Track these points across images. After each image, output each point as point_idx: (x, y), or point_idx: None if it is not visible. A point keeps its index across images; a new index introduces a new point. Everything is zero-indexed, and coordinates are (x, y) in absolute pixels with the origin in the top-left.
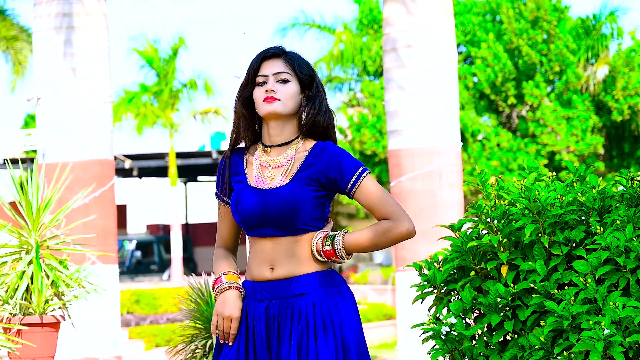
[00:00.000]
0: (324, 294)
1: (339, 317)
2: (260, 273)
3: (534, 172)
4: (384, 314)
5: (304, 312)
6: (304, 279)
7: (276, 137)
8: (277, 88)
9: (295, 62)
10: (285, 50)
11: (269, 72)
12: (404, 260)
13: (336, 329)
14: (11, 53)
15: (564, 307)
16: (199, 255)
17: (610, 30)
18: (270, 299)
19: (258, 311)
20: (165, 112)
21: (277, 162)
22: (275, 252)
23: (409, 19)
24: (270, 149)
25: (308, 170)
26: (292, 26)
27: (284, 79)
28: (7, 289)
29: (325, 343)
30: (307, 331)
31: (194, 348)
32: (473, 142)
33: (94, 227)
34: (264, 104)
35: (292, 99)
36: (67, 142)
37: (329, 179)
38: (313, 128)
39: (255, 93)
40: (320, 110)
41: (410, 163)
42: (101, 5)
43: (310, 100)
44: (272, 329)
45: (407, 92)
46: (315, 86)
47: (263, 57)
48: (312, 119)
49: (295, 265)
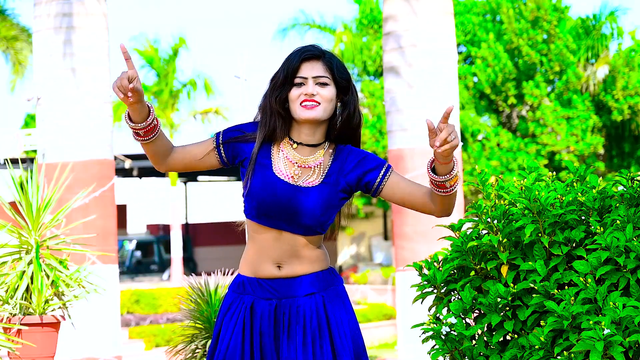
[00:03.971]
0: (329, 293)
1: (345, 316)
2: (266, 269)
3: (534, 172)
4: (384, 314)
5: (314, 312)
6: (311, 278)
7: (307, 137)
8: (316, 91)
9: (334, 65)
10: (324, 51)
11: (309, 74)
12: (404, 260)
13: (345, 328)
14: (11, 53)
15: (564, 307)
16: (199, 255)
17: (610, 30)
18: (278, 297)
19: (267, 309)
20: (165, 112)
21: (306, 163)
22: (282, 248)
23: (409, 18)
24: (298, 146)
25: (336, 175)
26: (293, 26)
27: (324, 82)
28: (7, 289)
29: (340, 342)
30: (320, 330)
31: (194, 348)
32: (473, 142)
33: (94, 227)
34: (302, 109)
35: (330, 103)
36: (67, 142)
37: (355, 180)
38: (344, 131)
39: (293, 94)
40: (355, 115)
41: (410, 163)
42: (101, 5)
43: (346, 105)
44: (282, 328)
45: (408, 92)
46: (351, 90)
47: (303, 57)
48: (346, 124)
49: (303, 264)
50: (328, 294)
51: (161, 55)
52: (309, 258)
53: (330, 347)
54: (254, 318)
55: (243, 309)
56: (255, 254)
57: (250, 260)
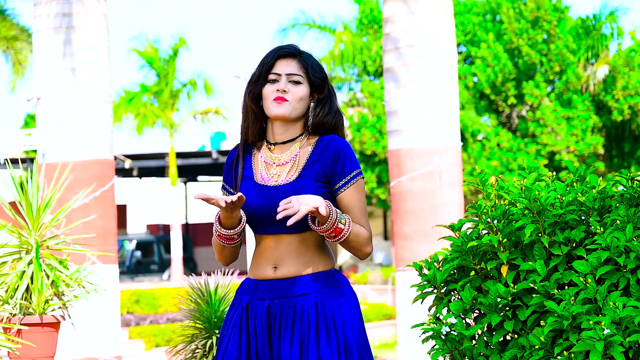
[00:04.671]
0: (326, 294)
1: (341, 318)
2: (263, 272)
3: (534, 172)
4: (384, 314)
5: (305, 312)
6: (307, 279)
7: (280, 135)
8: (288, 88)
9: (309, 65)
10: (301, 51)
11: (282, 71)
12: (404, 260)
13: (338, 330)
14: (11, 53)
15: (564, 307)
16: (199, 255)
17: (610, 30)
18: (272, 297)
19: (260, 310)
20: (165, 112)
21: (282, 160)
22: (279, 250)
23: (410, 18)
24: (274, 146)
25: (315, 166)
26: (293, 26)
27: (296, 81)
28: (7, 289)
29: (327, 344)
30: (309, 331)
31: (194, 348)
32: (473, 142)
33: (94, 227)
34: (273, 104)
35: (300, 101)
36: (67, 142)
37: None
38: (320, 128)
39: (266, 90)
40: (330, 112)
41: (410, 163)
42: (101, 5)
43: (320, 102)
44: (274, 329)
45: (407, 92)
46: (326, 89)
47: (278, 55)
48: (320, 120)
49: (299, 264)
50: (324, 295)
51: (161, 55)
52: (307, 259)
53: (315, 348)
54: (249, 318)
55: (240, 309)
56: (255, 257)
57: (253, 264)
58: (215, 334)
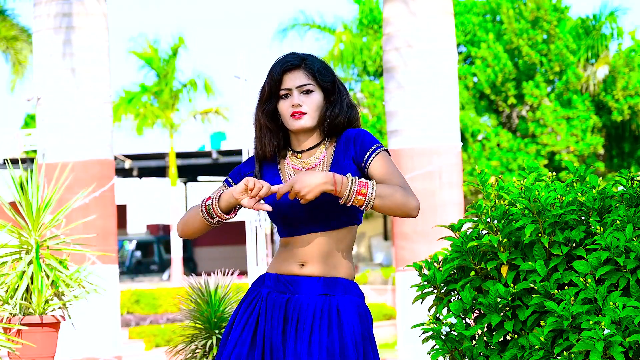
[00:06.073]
0: (347, 300)
1: (360, 327)
2: (288, 267)
3: (534, 172)
4: (384, 314)
5: (326, 313)
6: (331, 282)
7: (305, 142)
8: (302, 101)
9: (316, 70)
10: (303, 57)
11: (292, 85)
12: (404, 260)
13: (358, 346)
14: (11, 53)
15: (564, 307)
16: (199, 255)
17: (610, 30)
18: (292, 292)
19: (279, 302)
20: (165, 112)
21: (310, 163)
22: (309, 249)
23: (410, 18)
24: (300, 154)
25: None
26: (292, 27)
27: (308, 90)
28: (7, 289)
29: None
30: (330, 332)
31: (194, 348)
32: (473, 142)
33: (94, 227)
34: (291, 120)
35: (317, 110)
36: (67, 142)
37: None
38: (336, 128)
39: (281, 107)
40: (341, 112)
41: (410, 163)
42: (101, 5)
43: (330, 105)
44: (291, 323)
45: (407, 92)
46: (337, 90)
47: (284, 69)
48: (333, 121)
49: (326, 266)
50: (343, 301)
51: (161, 55)
52: (334, 262)
53: (333, 348)
54: (267, 309)
55: (260, 299)
56: (281, 254)
57: (276, 260)
58: (215, 334)
